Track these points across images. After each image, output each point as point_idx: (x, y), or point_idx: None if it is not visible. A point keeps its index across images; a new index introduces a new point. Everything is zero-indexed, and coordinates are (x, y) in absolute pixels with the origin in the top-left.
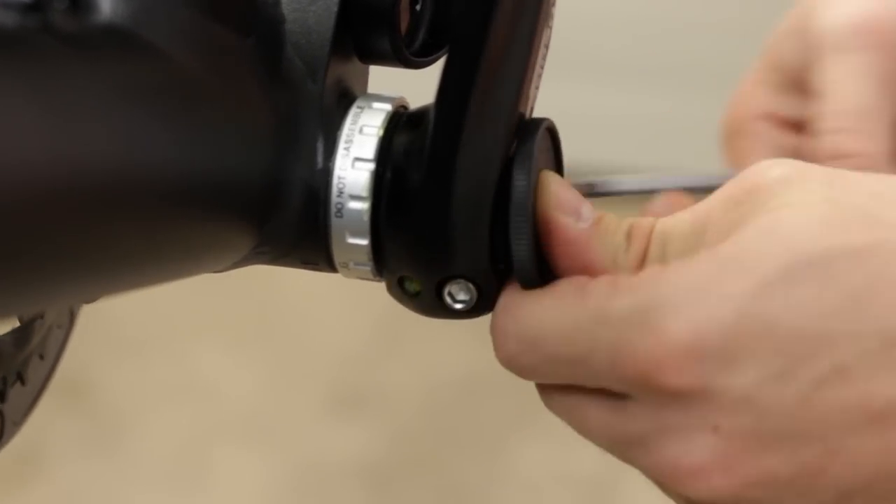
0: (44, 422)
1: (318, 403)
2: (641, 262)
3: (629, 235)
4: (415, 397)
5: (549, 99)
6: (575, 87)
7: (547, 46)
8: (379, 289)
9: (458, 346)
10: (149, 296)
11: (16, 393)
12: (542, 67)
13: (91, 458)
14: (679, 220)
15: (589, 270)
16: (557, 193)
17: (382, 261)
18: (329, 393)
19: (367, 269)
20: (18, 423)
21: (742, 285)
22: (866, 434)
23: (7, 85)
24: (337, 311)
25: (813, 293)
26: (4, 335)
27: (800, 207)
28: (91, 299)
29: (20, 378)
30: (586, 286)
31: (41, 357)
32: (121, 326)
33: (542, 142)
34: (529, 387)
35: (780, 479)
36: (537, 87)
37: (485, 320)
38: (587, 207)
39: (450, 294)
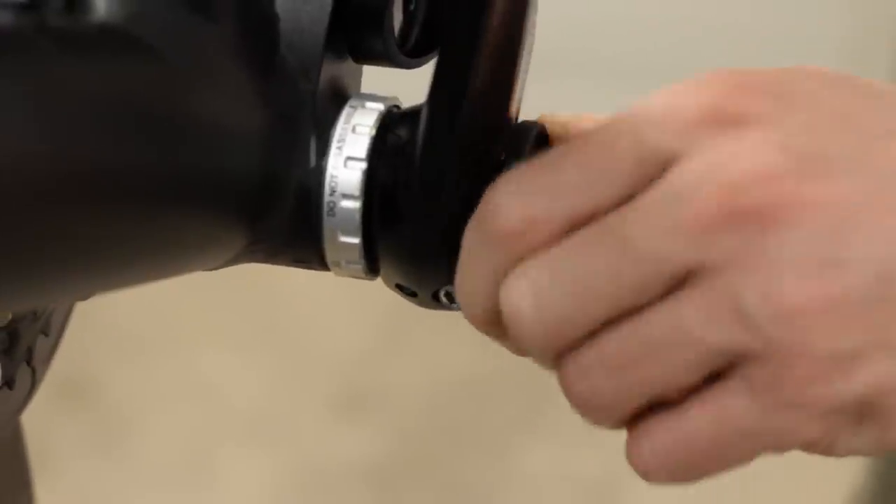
0: (48, 422)
1: (323, 405)
2: None
3: None
4: (420, 398)
5: (550, 100)
6: (575, 88)
7: (530, 53)
8: (382, 290)
9: (462, 347)
10: (153, 297)
11: (40, 344)
12: (525, 73)
13: (95, 458)
14: None
15: None
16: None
17: (374, 260)
18: (333, 394)
19: (359, 267)
20: (46, 361)
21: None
22: None
23: (1, 84)
24: (341, 312)
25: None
26: (21, 318)
27: None
28: (84, 297)
29: (44, 332)
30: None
31: None
32: (125, 328)
33: (532, 145)
34: (535, 387)
35: (848, 204)
36: (522, 93)
37: None
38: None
39: (446, 295)
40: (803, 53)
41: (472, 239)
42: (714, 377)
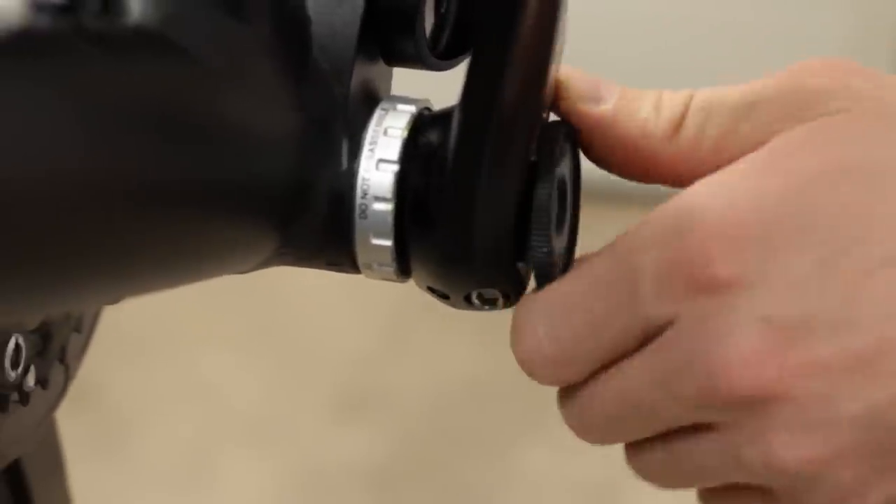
0: None
1: (324, 407)
2: (676, 129)
3: (657, 105)
4: (421, 401)
5: None
6: None
7: (561, 54)
8: (385, 292)
9: (464, 349)
10: (154, 299)
11: (73, 342)
12: (556, 74)
13: (96, 460)
14: (727, 91)
15: (621, 147)
16: (576, 86)
17: (406, 262)
18: (335, 396)
19: (391, 269)
20: (79, 357)
21: (780, 182)
22: None
23: (39, 86)
24: (343, 314)
25: (855, 195)
26: (54, 320)
27: (845, 117)
28: (115, 300)
29: (77, 330)
30: (609, 246)
31: None
32: (126, 330)
33: (563, 146)
34: (536, 390)
35: (833, 369)
36: (552, 93)
37: (491, 323)
38: (608, 88)
39: (479, 297)
40: (805, 53)
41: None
42: None
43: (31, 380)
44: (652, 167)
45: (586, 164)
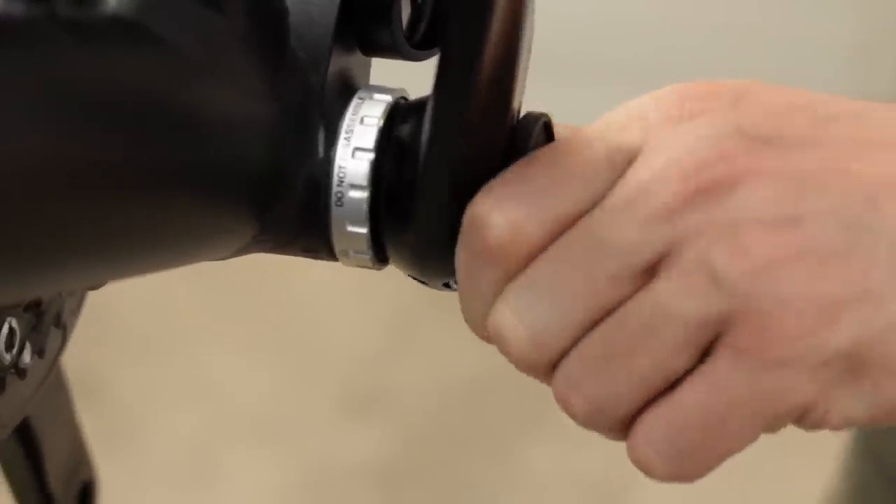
0: None
1: (330, 405)
2: None
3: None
4: (426, 399)
5: (556, 103)
6: (581, 90)
7: (529, 50)
8: (390, 291)
9: (469, 347)
10: (160, 297)
11: (69, 304)
12: (526, 70)
13: (102, 458)
14: None
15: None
16: None
17: (382, 249)
18: (340, 394)
19: (367, 257)
20: (76, 312)
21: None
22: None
23: (13, 74)
24: (348, 312)
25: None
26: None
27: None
28: (95, 285)
29: (71, 293)
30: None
31: None
32: (132, 327)
33: (538, 137)
34: (541, 388)
35: (805, 171)
36: (524, 89)
37: None
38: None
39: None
40: (809, 55)
41: (463, 259)
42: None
43: (27, 356)
44: None
45: None
